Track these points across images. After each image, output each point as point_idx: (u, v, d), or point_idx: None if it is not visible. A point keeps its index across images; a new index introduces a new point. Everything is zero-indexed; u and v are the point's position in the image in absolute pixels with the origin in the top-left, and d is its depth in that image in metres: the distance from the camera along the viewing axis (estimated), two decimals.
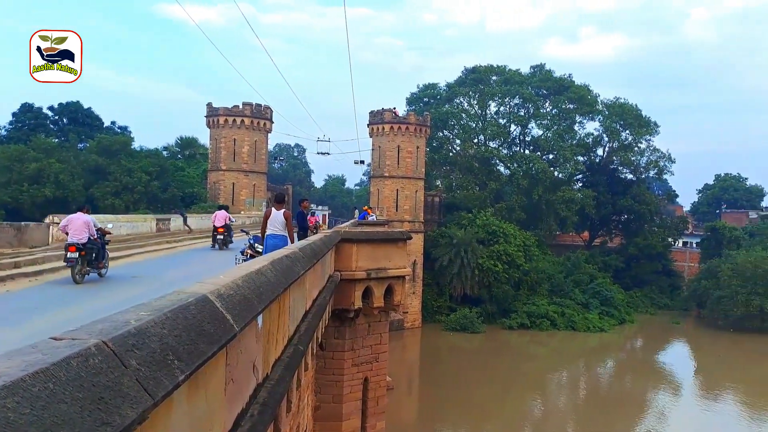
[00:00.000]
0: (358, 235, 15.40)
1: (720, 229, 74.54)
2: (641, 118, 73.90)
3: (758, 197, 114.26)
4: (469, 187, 68.81)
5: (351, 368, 15.44)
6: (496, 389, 39.79)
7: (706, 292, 63.15)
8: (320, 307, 10.27)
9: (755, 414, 37.11)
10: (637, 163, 77.10)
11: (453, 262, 56.04)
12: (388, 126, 53.72)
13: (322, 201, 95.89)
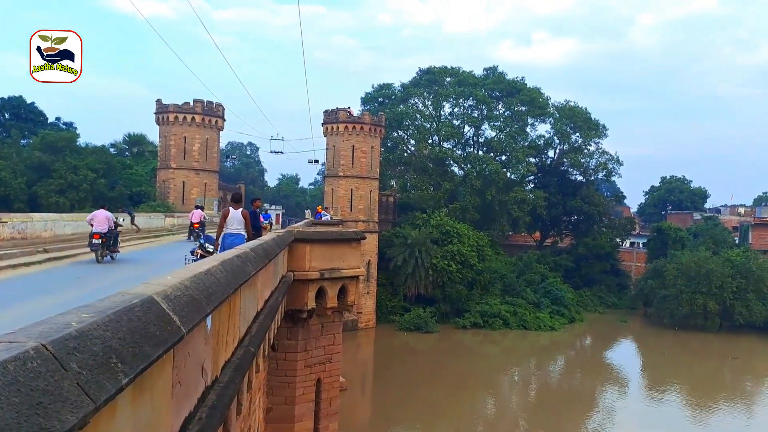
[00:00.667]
0: (312, 235, 15.32)
1: (665, 230, 76.82)
2: (590, 121, 75.67)
3: (702, 199, 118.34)
4: (424, 187, 69.27)
5: (304, 369, 15.34)
6: (450, 388, 40.13)
7: (652, 291, 65.03)
8: (272, 307, 10.18)
9: (698, 410, 38.44)
10: (587, 165, 78.92)
11: (407, 262, 56.29)
12: (342, 125, 53.63)
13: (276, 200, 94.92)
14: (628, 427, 34.64)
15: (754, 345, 56.70)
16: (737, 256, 63.69)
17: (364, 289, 53.29)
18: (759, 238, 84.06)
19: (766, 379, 47.41)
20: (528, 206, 70.25)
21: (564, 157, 79.03)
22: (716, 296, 58.89)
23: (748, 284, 60.08)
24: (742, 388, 44.75)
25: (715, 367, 50.38)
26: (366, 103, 76.87)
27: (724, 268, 60.11)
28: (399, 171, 76.12)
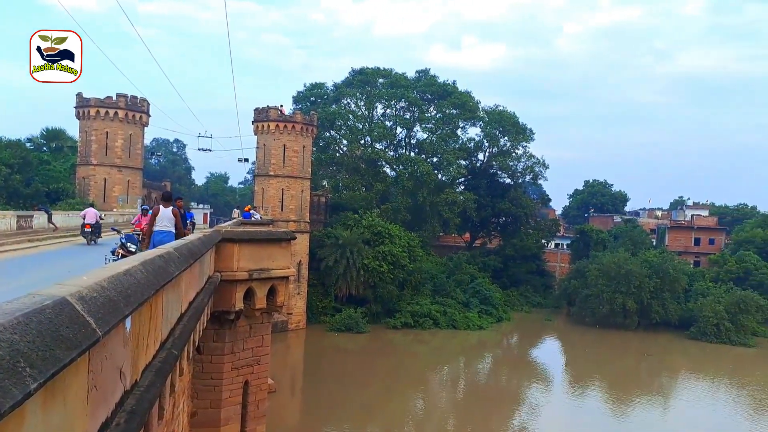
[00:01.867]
0: (240, 235, 15.06)
1: (588, 232, 79.69)
2: (518, 126, 77.60)
3: (622, 202, 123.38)
4: (356, 187, 69.34)
5: (230, 372, 15.05)
6: (380, 388, 40.30)
7: (576, 291, 67.33)
8: (197, 309, 9.94)
9: (618, 404, 40.06)
10: (515, 168, 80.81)
11: (339, 263, 56.16)
12: (273, 124, 52.97)
13: (204, 199, 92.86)
14: (552, 423, 35.70)
15: (670, 342, 59.56)
16: (654, 257, 66.73)
17: (294, 289, 52.87)
18: (674, 240, 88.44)
19: (681, 374, 49.87)
20: (458, 208, 71.34)
21: (493, 160, 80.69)
22: (635, 295, 61.51)
23: (664, 284, 63.05)
24: (658, 383, 46.93)
25: (633, 363, 52.62)
26: (298, 102, 76.30)
27: (642, 269, 62.85)
28: (331, 171, 75.89)
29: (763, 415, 38.19)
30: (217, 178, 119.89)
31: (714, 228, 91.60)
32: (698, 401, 41.19)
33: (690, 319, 61.77)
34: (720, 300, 60.90)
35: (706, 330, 59.17)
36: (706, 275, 71.85)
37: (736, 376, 48.09)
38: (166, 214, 13.29)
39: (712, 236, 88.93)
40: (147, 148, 68.31)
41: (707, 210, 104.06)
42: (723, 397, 42.82)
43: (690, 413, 38.58)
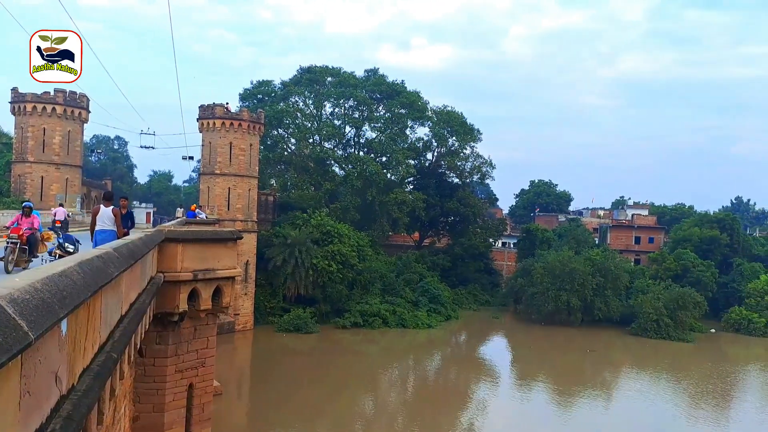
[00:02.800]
0: (184, 234, 14.74)
1: (534, 231, 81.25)
2: (466, 126, 78.50)
3: (566, 202, 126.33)
4: (304, 186, 68.94)
5: (174, 375, 14.72)
6: (329, 388, 40.14)
7: (522, 289, 68.56)
8: (139, 311, 9.68)
9: (562, 400, 40.96)
10: (463, 168, 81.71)
11: (287, 263, 55.68)
12: (219, 122, 52.05)
13: (147, 198, 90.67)
14: (499, 419, 36.28)
15: (612, 338, 61.28)
16: (597, 255, 68.57)
17: (241, 290, 52.17)
18: (616, 238, 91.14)
19: (622, 369, 51.36)
20: (407, 207, 71.67)
21: (441, 159, 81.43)
22: (578, 293, 63.07)
23: (607, 281, 64.85)
24: (601, 378, 48.20)
25: (577, 359, 53.90)
26: (245, 99, 75.32)
27: (586, 267, 64.48)
28: (279, 170, 75.24)
29: (700, 408, 39.69)
30: (160, 176, 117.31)
31: (653, 227, 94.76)
32: (639, 395, 42.48)
33: (631, 315, 63.70)
34: (659, 297, 62.94)
35: (646, 326, 61.11)
36: (646, 273, 74.23)
37: (675, 370, 49.80)
38: (106, 213, 13.25)
39: (652, 235, 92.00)
40: (87, 145, 66.30)
41: (647, 209, 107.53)
42: (662, 390, 44.28)
43: (631, 407, 39.76)
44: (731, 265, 75.59)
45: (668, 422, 36.55)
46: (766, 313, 65.05)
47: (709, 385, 44.90)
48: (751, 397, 44.85)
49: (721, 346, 61.78)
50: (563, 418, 37.06)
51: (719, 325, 67.34)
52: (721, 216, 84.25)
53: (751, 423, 37.56)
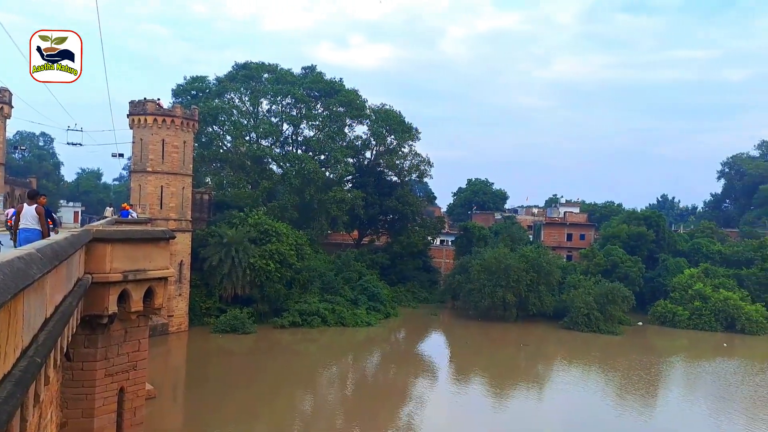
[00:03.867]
0: (113, 234, 14.25)
1: (471, 229, 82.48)
2: (404, 125, 78.98)
3: (502, 200, 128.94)
4: (241, 185, 67.88)
5: (104, 379, 14.22)
6: (267, 389, 39.68)
7: (460, 286, 69.55)
8: (65, 313, 9.29)
9: (498, 393, 41.80)
10: (401, 167, 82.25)
11: (223, 262, 54.70)
12: (151, 118, 50.53)
13: (75, 197, 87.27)
14: (437, 414, 36.70)
15: (545, 332, 62.94)
16: (531, 252, 70.24)
17: (175, 291, 50.94)
18: (549, 236, 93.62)
19: (555, 362, 52.77)
20: (346, 206, 71.59)
21: (380, 158, 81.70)
22: (513, 289, 64.49)
23: (540, 277, 66.55)
24: (535, 372, 49.43)
25: (512, 353, 55.11)
26: (178, 95, 73.48)
27: (520, 264, 65.97)
28: (215, 168, 73.80)
29: (627, 398, 41.21)
30: (89, 174, 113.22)
31: (584, 224, 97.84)
32: (571, 387, 43.78)
33: (563, 310, 65.59)
34: (590, 291, 65.03)
35: (577, 320, 63.04)
36: (578, 268, 76.53)
37: (604, 362, 51.56)
38: (29, 211, 12.94)
39: (583, 232, 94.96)
40: (10, 141, 63.25)
41: (578, 207, 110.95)
42: (593, 382, 45.80)
43: (563, 398, 40.98)
44: (657, 261, 78.83)
45: (598, 412, 37.81)
46: (690, 306, 68.09)
47: (634, 377, 46.65)
48: (675, 386, 46.91)
49: (648, 338, 64.34)
50: (499, 410, 37.85)
51: (646, 318, 70.12)
52: (648, 213, 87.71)
53: (674, 411, 39.31)
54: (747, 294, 69.78)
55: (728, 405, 40.14)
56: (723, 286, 69.75)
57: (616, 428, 35.34)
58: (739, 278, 72.83)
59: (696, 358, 56.28)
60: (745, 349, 60.18)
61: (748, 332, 64.77)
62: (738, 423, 36.60)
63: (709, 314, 66.81)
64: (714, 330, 65.60)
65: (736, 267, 75.58)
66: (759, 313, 66.40)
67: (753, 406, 39.95)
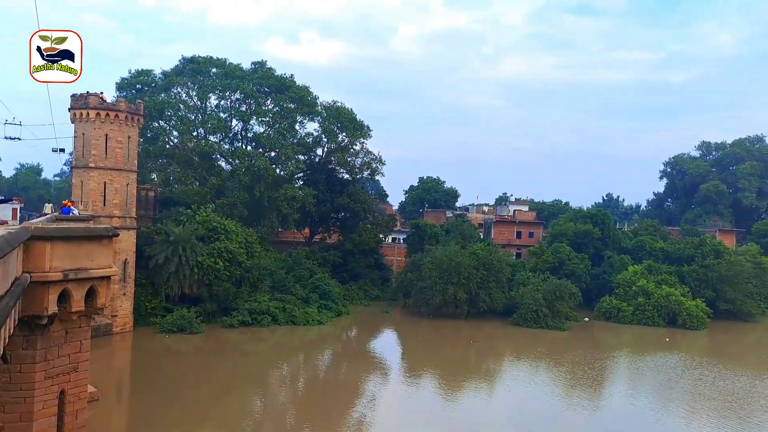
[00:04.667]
0: (53, 232, 13.55)
1: (422, 227, 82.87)
2: (356, 122, 78.64)
3: (453, 198, 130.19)
4: (189, 181, 66.46)
5: (44, 381, 13.54)
6: (216, 389, 38.86)
7: (411, 284, 69.75)
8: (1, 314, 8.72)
9: (449, 390, 42.03)
10: (353, 164, 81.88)
11: (170, 261, 53.40)
12: (94, 112, 48.79)
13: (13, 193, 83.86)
14: (389, 412, 36.64)
15: (495, 328, 63.70)
16: (481, 250, 70.99)
17: (119, 290, 49.47)
18: (499, 233, 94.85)
19: (505, 358, 53.45)
20: (297, 203, 70.93)
21: (332, 155, 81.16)
22: (464, 286, 65.08)
23: (490, 275, 67.33)
24: (485, 368, 49.97)
25: (463, 350, 55.53)
26: (122, 89, 71.35)
27: (471, 261, 66.60)
28: (161, 164, 71.92)
29: (574, 393, 42.04)
30: (28, 169, 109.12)
31: (533, 222, 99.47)
32: (520, 382, 44.42)
33: (513, 306, 66.52)
34: (538, 288, 66.11)
35: (526, 316, 64.02)
36: (527, 266, 77.73)
37: (552, 357, 52.44)
38: None
39: (532, 230, 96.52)
40: None
41: (527, 205, 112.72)
42: (541, 377, 46.51)
43: (512, 394, 41.56)
44: (603, 258, 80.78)
45: (545, 406, 38.40)
46: (634, 302, 69.98)
47: (580, 371, 47.61)
48: (619, 380, 48.12)
49: (594, 334, 65.86)
50: (450, 406, 38.07)
51: (592, 314, 71.74)
52: (594, 212, 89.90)
53: (618, 405, 40.38)
54: (688, 290, 72.19)
55: (669, 398, 41.35)
56: (665, 283, 71.96)
57: (562, 422, 35.93)
58: (681, 275, 75.30)
59: (639, 352, 57.85)
60: (685, 343, 62.24)
61: (689, 327, 67.00)
62: (678, 415, 37.76)
63: (652, 310, 68.81)
64: (657, 325, 67.61)
65: (677, 264, 78.12)
66: (699, 309, 68.77)
67: (692, 400, 41.27)
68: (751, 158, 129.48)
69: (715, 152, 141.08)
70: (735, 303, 73.28)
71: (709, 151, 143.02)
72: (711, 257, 76.06)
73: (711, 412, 37.81)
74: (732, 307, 73.32)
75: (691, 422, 36.11)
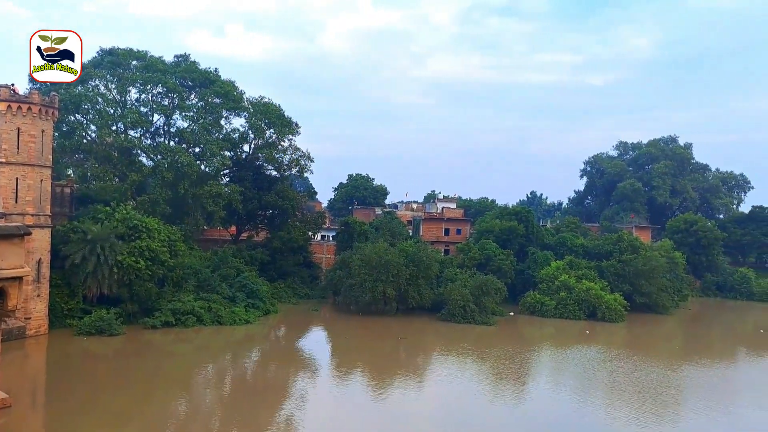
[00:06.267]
0: None
1: (352, 224, 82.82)
2: (284, 118, 77.69)
3: (383, 195, 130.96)
4: (108, 178, 63.83)
5: None
6: (138, 393, 37.44)
7: (341, 281, 69.51)
8: None
9: (378, 385, 42.08)
10: (281, 161, 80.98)
11: (87, 260, 51.10)
12: (4, 105, 46.00)
13: None
14: (318, 411, 36.29)
15: (424, 324, 64.33)
16: (410, 247, 71.56)
17: (32, 291, 46.86)
18: (428, 230, 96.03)
19: (434, 354, 53.98)
20: (223, 200, 69.49)
21: (259, 152, 79.94)
22: (393, 283, 65.44)
23: (419, 272, 67.96)
24: (414, 364, 50.33)
25: (392, 346, 55.73)
26: (35, 81, 67.67)
27: (400, 258, 67.03)
28: (77, 159, 68.77)
29: (500, 385, 42.94)
30: None
31: (461, 219, 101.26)
32: (449, 377, 44.95)
33: (441, 302, 67.43)
34: (466, 284, 67.25)
35: (454, 312, 65.01)
36: (454, 262, 78.93)
37: (479, 352, 53.39)
38: None
39: (459, 227, 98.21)
40: None
41: (455, 203, 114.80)
42: (469, 371, 47.28)
43: (441, 388, 41.97)
44: (527, 254, 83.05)
45: (472, 400, 39.03)
46: (556, 296, 72.35)
47: (504, 365, 48.60)
48: (543, 372, 49.50)
49: (519, 328, 67.57)
50: (379, 403, 38.09)
51: (517, 309, 73.68)
52: (519, 209, 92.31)
53: (541, 396, 41.48)
54: (606, 284, 75.24)
55: (589, 390, 42.74)
56: (585, 277, 74.71)
57: (488, 414, 36.57)
58: (600, 270, 78.36)
59: (561, 345, 59.72)
60: (604, 335, 64.71)
61: (608, 320, 69.83)
62: (598, 405, 39.15)
63: (573, 304, 71.29)
64: (578, 318, 70.10)
65: (597, 259, 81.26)
66: (617, 302, 71.74)
67: (611, 390, 42.81)
68: (665, 158, 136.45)
69: (632, 152, 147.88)
70: (650, 296, 76.86)
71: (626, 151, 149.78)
72: (628, 253, 79.47)
73: (629, 404, 39.23)
74: (647, 300, 76.89)
75: (612, 413, 37.40)
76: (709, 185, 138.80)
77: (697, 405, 39.44)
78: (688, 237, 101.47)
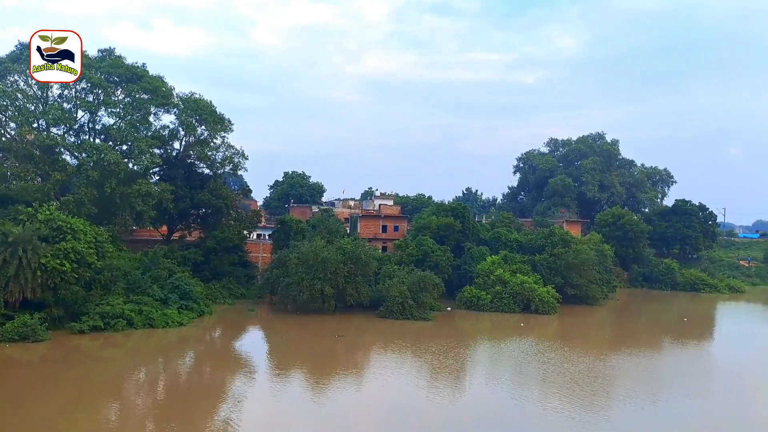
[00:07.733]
0: None
1: (288, 222, 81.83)
2: (216, 115, 75.84)
3: (319, 193, 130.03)
4: (29, 177, 60.83)
5: None
6: (65, 401, 35.70)
7: (278, 280, 68.49)
8: None
9: (317, 384, 41.59)
10: (214, 159, 79.09)
11: (9, 263, 48.49)
12: None
13: None
14: (255, 412, 35.54)
15: (363, 322, 64.19)
16: (348, 244, 71.17)
17: None
18: (365, 228, 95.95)
19: (373, 350, 53.90)
20: (153, 200, 67.37)
21: (190, 149, 77.91)
22: (331, 281, 64.96)
23: (357, 269, 67.73)
24: (353, 361, 50.01)
25: (331, 345, 55.25)
26: None
27: (338, 256, 66.60)
28: None
29: (438, 380, 43.19)
30: None
31: (398, 216, 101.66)
32: (387, 373, 44.80)
33: (380, 299, 67.38)
34: (404, 281, 67.41)
35: (393, 308, 65.10)
36: (392, 259, 79.11)
37: (418, 347, 53.54)
38: None
39: (397, 224, 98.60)
40: None
41: (392, 200, 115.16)
42: (407, 366, 47.32)
43: (380, 385, 41.78)
44: (463, 249, 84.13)
45: (411, 395, 39.06)
46: (492, 291, 73.57)
47: (442, 360, 48.90)
48: (479, 365, 50.18)
49: (456, 322, 68.31)
50: (318, 401, 37.60)
51: (454, 304, 74.48)
52: (455, 205, 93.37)
53: (478, 388, 42.07)
54: (539, 278, 76.98)
55: (522, 381, 43.47)
56: (519, 272, 76.24)
57: (426, 408, 36.59)
58: (533, 263, 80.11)
59: (497, 338, 60.69)
60: (537, 328, 66.15)
61: (541, 312, 71.52)
62: (531, 397, 39.74)
63: (508, 297, 72.65)
64: (513, 311, 71.49)
65: (530, 253, 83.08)
66: (549, 295, 73.52)
67: (543, 381, 43.57)
68: (593, 154, 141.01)
69: (562, 148, 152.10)
70: (581, 288, 79.13)
71: (557, 148, 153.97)
72: (559, 246, 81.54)
73: (560, 395, 39.88)
74: (578, 292, 79.13)
75: (544, 404, 37.95)
76: (635, 180, 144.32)
77: (626, 394, 40.53)
78: (616, 230, 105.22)
